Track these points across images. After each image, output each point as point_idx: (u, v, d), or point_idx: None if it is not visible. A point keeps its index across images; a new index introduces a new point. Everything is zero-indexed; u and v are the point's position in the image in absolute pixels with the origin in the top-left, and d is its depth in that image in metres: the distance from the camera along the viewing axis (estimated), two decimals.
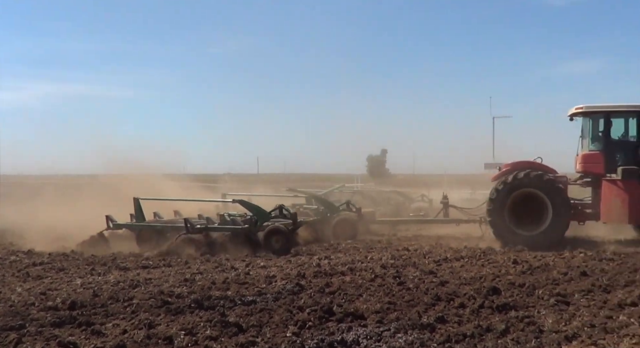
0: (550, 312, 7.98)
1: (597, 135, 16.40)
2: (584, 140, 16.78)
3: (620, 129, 16.48)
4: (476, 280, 10.29)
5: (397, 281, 10.20)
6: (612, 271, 11.18)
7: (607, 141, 16.14)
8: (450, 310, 8.09)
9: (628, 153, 16.00)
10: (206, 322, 7.44)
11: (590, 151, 16.36)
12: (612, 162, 15.93)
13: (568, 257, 13.13)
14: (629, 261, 12.34)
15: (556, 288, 9.54)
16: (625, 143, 16.26)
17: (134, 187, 18.97)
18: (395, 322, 7.44)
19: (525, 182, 15.55)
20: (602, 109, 16.30)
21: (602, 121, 16.31)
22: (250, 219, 14.78)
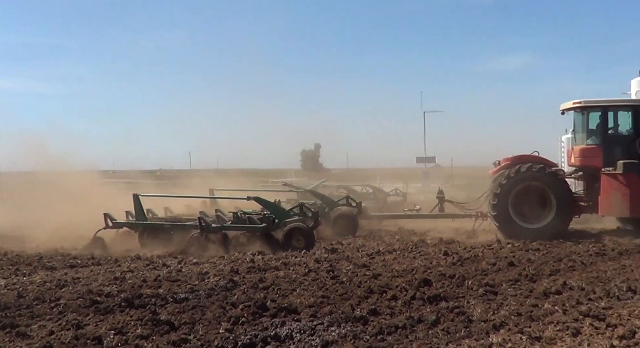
0: (479, 302, 8.18)
1: (594, 129, 16.62)
2: (578, 134, 17.04)
3: (617, 124, 16.73)
4: (408, 272, 10.44)
5: (331, 275, 10.24)
6: (538, 261, 11.56)
7: (604, 135, 16.36)
8: (383, 303, 8.18)
9: (625, 147, 16.19)
10: (137, 321, 7.28)
11: (588, 145, 16.49)
12: (610, 156, 16.11)
13: (496, 248, 13.49)
14: (554, 251, 12.80)
15: (485, 278, 9.78)
16: (622, 136, 16.46)
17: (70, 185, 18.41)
18: (328, 316, 7.47)
19: (529, 176, 15.70)
20: (600, 104, 16.53)
21: (599, 115, 16.50)
22: (268, 217, 14.00)
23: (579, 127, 17.04)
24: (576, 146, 16.98)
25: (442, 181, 35.71)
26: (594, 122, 16.62)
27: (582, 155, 16.52)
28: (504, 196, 15.64)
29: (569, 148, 17.66)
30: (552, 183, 15.72)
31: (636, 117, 16.27)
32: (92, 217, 15.22)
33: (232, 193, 18.39)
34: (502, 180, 15.74)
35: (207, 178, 26.80)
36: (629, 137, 16.28)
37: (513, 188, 15.69)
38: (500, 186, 15.68)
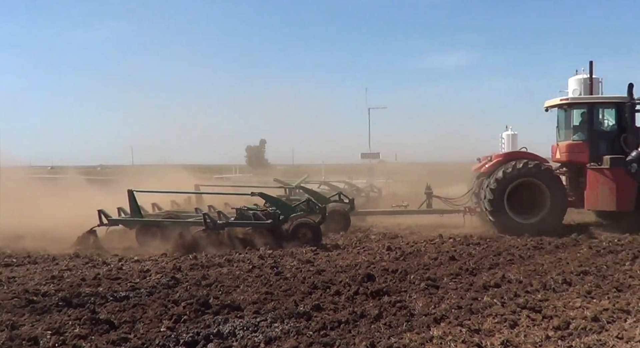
0: (421, 296, 8.29)
1: (580, 125, 17.14)
2: (563, 131, 17.51)
3: (602, 120, 17.21)
4: (352, 268, 10.51)
5: (275, 271, 10.22)
6: (478, 255, 11.80)
7: (590, 131, 16.78)
8: (326, 298, 8.22)
9: (610, 142, 16.66)
10: (75, 320, 7.11)
11: (574, 140, 16.96)
12: (595, 151, 16.55)
13: (438, 243, 13.71)
14: (494, 246, 13.07)
15: (427, 272, 9.93)
16: (607, 132, 16.91)
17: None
18: (272, 312, 7.45)
19: (524, 172, 15.92)
20: (586, 101, 17.08)
21: (584, 112, 17.03)
22: (274, 213, 13.77)
23: (564, 123, 17.54)
24: (561, 142, 17.40)
25: (386, 176, 36.06)
26: (579, 119, 17.21)
27: (568, 151, 16.94)
28: (501, 191, 15.87)
29: (554, 144, 18.04)
30: (547, 179, 16.02)
31: (619, 114, 16.78)
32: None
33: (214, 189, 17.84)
34: (498, 176, 15.92)
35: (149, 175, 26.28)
36: (613, 133, 16.78)
37: (509, 184, 15.93)
38: (497, 181, 15.89)
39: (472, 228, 16.65)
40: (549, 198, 15.89)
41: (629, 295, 8.22)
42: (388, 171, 39.14)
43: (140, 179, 26.08)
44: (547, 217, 15.80)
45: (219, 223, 13.39)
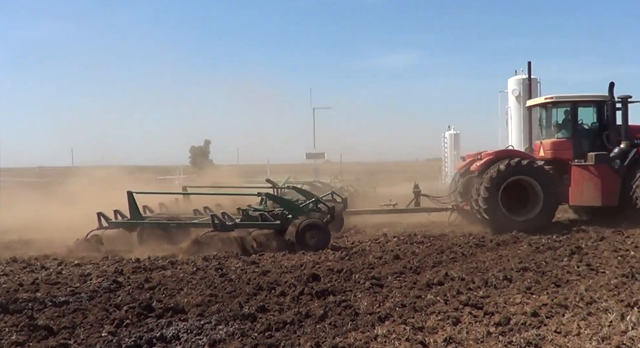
0: (366, 295, 8.34)
1: (564, 123, 17.62)
2: (547, 129, 17.99)
3: (585, 118, 17.65)
4: (297, 268, 10.50)
5: (220, 273, 10.14)
6: (422, 253, 11.94)
7: (574, 129, 17.29)
8: (272, 299, 8.18)
9: (592, 140, 17.23)
10: (11, 327, 6.87)
11: (558, 138, 17.44)
12: (579, 148, 17.08)
13: (383, 242, 13.83)
14: (437, 244, 13.26)
15: (371, 271, 10.00)
16: (590, 130, 17.48)
17: None
18: (216, 314, 7.37)
19: (518, 170, 16.13)
20: (569, 100, 17.44)
21: (568, 110, 17.47)
22: (282, 214, 13.45)
23: (548, 122, 18.04)
24: (545, 140, 17.85)
25: (331, 176, 36.18)
26: (563, 117, 17.70)
27: (552, 148, 17.41)
28: (495, 189, 15.98)
29: (536, 142, 18.58)
30: (540, 176, 16.32)
31: (600, 112, 17.39)
32: None
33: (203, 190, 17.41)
34: (493, 174, 16.03)
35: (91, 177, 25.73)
36: (596, 130, 17.37)
37: (503, 182, 16.06)
38: (492, 179, 15.99)
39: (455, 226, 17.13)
40: (541, 195, 16.20)
41: (567, 290, 8.44)
42: (333, 171, 39.31)
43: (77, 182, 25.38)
44: (540, 214, 16.14)
45: (228, 224, 13.09)
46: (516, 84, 40.22)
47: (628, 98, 17.02)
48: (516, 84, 40.19)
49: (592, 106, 17.68)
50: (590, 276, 9.50)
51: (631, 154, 16.57)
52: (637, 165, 16.47)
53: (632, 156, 16.56)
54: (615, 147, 16.83)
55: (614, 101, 17.09)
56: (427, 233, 15.26)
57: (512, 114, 40.48)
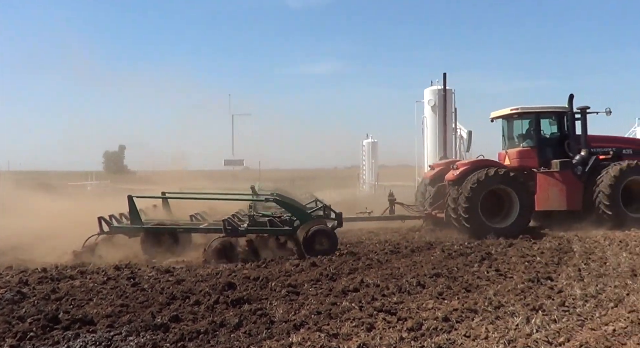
0: (282, 303, 8.31)
1: (528, 133, 18.79)
2: (512, 139, 19.15)
3: (548, 127, 18.89)
4: (212, 276, 10.35)
5: (132, 282, 9.86)
6: (338, 260, 11.98)
7: (538, 138, 18.48)
8: (185, 308, 8.02)
9: (555, 148, 18.45)
10: None
11: (524, 147, 18.60)
12: (543, 156, 18.30)
13: None
14: (353, 251, 13.35)
15: (288, 279, 9.97)
16: (553, 139, 18.67)
17: None
18: (127, 325, 7.15)
19: (497, 179, 16.71)
20: (533, 111, 18.67)
21: (532, 120, 18.67)
22: (290, 220, 13.29)
23: (513, 132, 19.22)
24: (511, 149, 18.90)
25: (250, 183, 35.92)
26: (527, 127, 18.93)
27: (518, 157, 18.51)
28: (475, 198, 16.48)
29: (501, 151, 19.46)
30: (516, 185, 16.95)
31: (561, 122, 18.69)
32: None
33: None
34: (473, 183, 16.50)
35: None
36: (557, 139, 18.62)
37: (483, 191, 16.61)
38: (472, 189, 16.46)
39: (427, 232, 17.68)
40: (517, 202, 16.82)
41: (477, 295, 8.69)
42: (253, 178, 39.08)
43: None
44: (517, 221, 16.75)
45: (241, 229, 12.83)
46: (432, 94, 41.29)
47: (587, 109, 18.23)
48: (432, 95, 41.25)
49: (554, 117, 18.86)
50: (498, 281, 9.81)
51: (591, 161, 17.86)
52: (597, 171, 17.65)
53: (592, 163, 17.85)
54: (576, 155, 18.00)
55: (573, 111, 18.28)
56: (345, 240, 15.37)
57: (427, 124, 41.60)
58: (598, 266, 11.00)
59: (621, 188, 17.26)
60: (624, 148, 18.95)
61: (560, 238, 15.15)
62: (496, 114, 19.56)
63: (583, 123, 18.33)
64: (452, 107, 42.00)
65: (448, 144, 40.88)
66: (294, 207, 13.95)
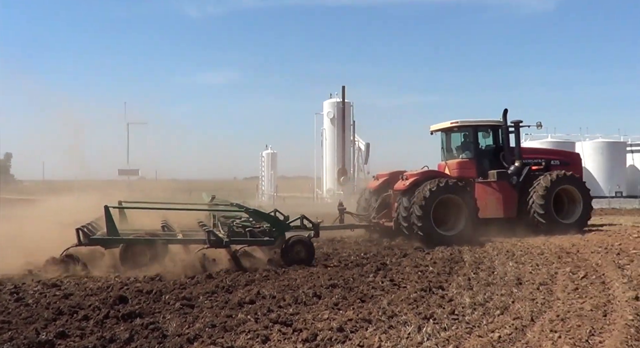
0: (175, 316, 8.11)
1: (466, 145, 20.09)
2: (452, 151, 20.44)
3: (484, 140, 20.26)
4: (103, 290, 9.98)
5: (15, 297, 9.34)
6: (235, 272, 11.85)
7: (476, 150, 19.90)
8: (73, 324, 7.67)
9: (492, 159, 19.91)
10: None
11: (462, 159, 19.89)
12: (481, 167, 19.68)
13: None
14: (250, 262, 13.22)
15: (182, 292, 9.75)
16: (489, 151, 20.10)
17: None
18: (8, 343, 6.76)
19: (447, 189, 17.31)
20: (471, 124, 19.98)
21: (470, 133, 19.97)
22: (270, 230, 13.37)
23: (453, 144, 20.49)
24: (450, 160, 20.12)
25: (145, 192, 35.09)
26: (465, 140, 20.19)
27: (458, 168, 19.62)
28: (428, 207, 17.02)
29: (440, 162, 20.57)
30: (464, 194, 17.65)
31: (496, 135, 20.13)
32: None
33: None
34: (425, 193, 17.02)
35: None
36: (493, 151, 20.06)
37: (435, 200, 17.14)
38: (425, 198, 16.97)
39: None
40: (465, 211, 17.50)
41: (371, 305, 8.82)
42: (148, 188, 38.17)
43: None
44: (466, 229, 17.41)
45: (226, 241, 12.61)
46: (331, 106, 42.12)
47: (519, 123, 19.86)
48: (331, 107, 42.09)
49: (490, 130, 20.25)
50: (392, 291, 10.01)
51: (524, 172, 19.44)
52: (530, 181, 19.21)
53: (526, 173, 19.44)
54: (511, 166, 19.56)
55: (507, 125, 19.79)
56: None
57: (326, 136, 42.26)
58: (486, 275, 11.44)
59: (553, 196, 18.81)
60: (552, 159, 20.78)
61: (452, 248, 15.67)
62: (436, 127, 20.65)
63: (516, 136, 19.93)
64: (350, 119, 43.01)
65: (346, 156, 41.77)
66: (273, 218, 13.94)
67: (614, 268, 11.65)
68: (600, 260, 12.93)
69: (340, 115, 41.71)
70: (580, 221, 19.41)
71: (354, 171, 43.12)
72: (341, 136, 41.63)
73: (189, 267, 12.02)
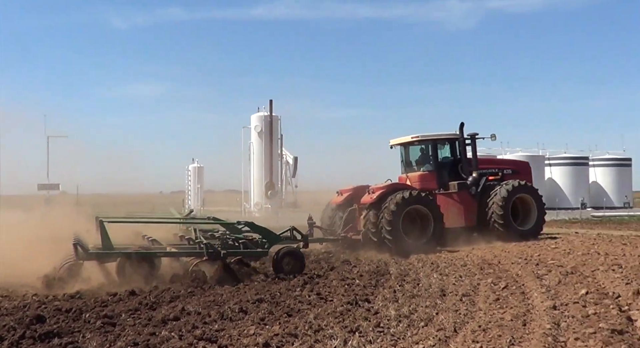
0: (96, 335, 7.85)
1: (427, 158, 21.00)
2: (412, 165, 21.26)
3: (443, 153, 21.02)
4: (19, 309, 9.58)
5: None
6: (160, 288, 11.56)
7: (436, 163, 20.74)
8: None
9: (451, 171, 20.69)
10: None
11: (423, 171, 20.75)
12: (441, 179, 20.44)
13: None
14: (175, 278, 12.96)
15: (104, 310, 9.46)
16: (448, 163, 20.90)
17: None
18: None
19: (414, 199, 18.24)
20: (431, 138, 20.81)
21: (430, 147, 20.87)
22: (262, 242, 13.83)
23: (413, 157, 21.35)
24: (411, 173, 20.92)
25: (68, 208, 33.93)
26: (425, 153, 21.11)
27: (420, 180, 20.37)
28: (397, 218, 17.80)
29: (402, 175, 21.31)
30: (430, 205, 18.60)
31: (453, 147, 20.97)
32: None
33: None
34: (393, 205, 17.80)
35: None
36: (452, 163, 20.87)
37: (403, 211, 17.97)
38: (394, 210, 17.74)
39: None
40: (431, 221, 18.42)
41: (298, 319, 8.79)
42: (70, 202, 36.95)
43: None
44: (433, 237, 18.38)
45: (224, 253, 12.81)
46: (259, 120, 42.07)
47: (475, 135, 20.72)
48: (258, 121, 42.04)
49: (448, 143, 21.11)
50: (319, 304, 10.01)
51: (482, 182, 20.39)
52: (488, 190, 20.19)
53: (484, 183, 20.39)
54: (469, 176, 20.41)
55: (464, 138, 20.66)
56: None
57: (254, 149, 42.13)
58: (412, 288, 11.60)
59: (510, 205, 19.85)
60: (505, 169, 21.91)
61: (378, 261, 15.83)
62: (396, 141, 21.49)
63: (473, 148, 20.90)
64: (278, 133, 43.07)
65: (274, 170, 41.76)
66: (265, 231, 14.30)
67: (533, 279, 12.02)
68: (521, 270, 13.33)
69: (267, 129, 41.75)
70: (536, 227, 20.77)
71: (282, 184, 43.16)
72: (269, 150, 41.67)
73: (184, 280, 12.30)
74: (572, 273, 12.31)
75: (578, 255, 15.58)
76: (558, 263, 14.14)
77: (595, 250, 16.50)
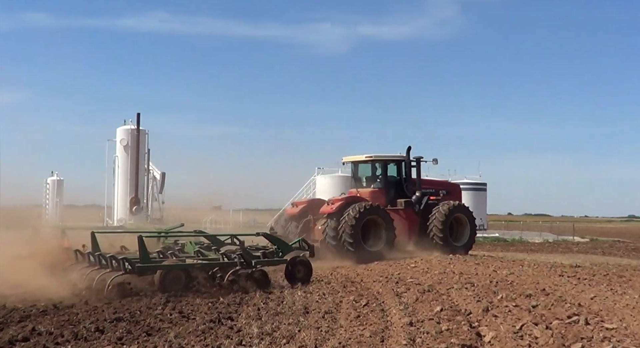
0: None
1: (377, 176, 23.41)
2: (363, 181, 23.66)
3: (392, 172, 23.48)
4: None
5: None
6: (9, 307, 10.80)
7: (385, 181, 23.19)
8: None
9: (397, 189, 23.11)
10: None
11: (374, 188, 22.96)
12: (389, 196, 22.75)
13: None
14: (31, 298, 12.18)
15: None
16: (395, 182, 23.31)
17: None
18: None
19: (371, 211, 20.46)
20: (382, 158, 23.30)
21: (381, 166, 23.33)
22: (277, 252, 14.84)
23: (364, 175, 23.74)
24: (362, 189, 23.15)
25: None
26: (376, 171, 23.45)
27: (371, 196, 22.30)
28: (357, 227, 19.91)
29: (353, 190, 23.50)
30: (384, 216, 20.96)
31: (400, 168, 23.37)
32: None
33: None
34: (354, 215, 19.89)
35: None
36: (399, 182, 23.26)
37: (362, 220, 20.12)
38: (354, 219, 19.82)
39: None
40: (384, 231, 20.67)
41: (157, 338, 8.54)
42: None
43: None
44: (387, 245, 20.58)
45: (255, 261, 13.78)
46: (125, 133, 40.77)
47: (420, 158, 23.20)
48: (125, 134, 40.73)
49: (397, 164, 23.44)
50: (181, 323, 9.77)
51: (424, 201, 22.78)
52: (429, 208, 22.54)
53: (425, 201, 22.78)
54: (413, 195, 22.74)
55: (410, 160, 23.07)
56: None
57: (119, 163, 40.70)
58: (275, 305, 11.62)
59: (449, 223, 22.34)
60: (441, 190, 24.37)
61: None
62: (349, 159, 23.92)
63: (417, 170, 23.33)
64: (145, 147, 41.89)
65: (140, 185, 40.50)
66: (279, 241, 15.44)
67: (392, 296, 12.44)
68: (381, 288, 13.76)
69: (134, 142, 40.51)
70: (469, 243, 23.54)
71: (148, 200, 41.96)
72: (135, 164, 40.39)
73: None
74: (429, 291, 12.87)
75: (435, 273, 16.34)
76: (416, 281, 14.75)
77: (451, 269, 17.38)
